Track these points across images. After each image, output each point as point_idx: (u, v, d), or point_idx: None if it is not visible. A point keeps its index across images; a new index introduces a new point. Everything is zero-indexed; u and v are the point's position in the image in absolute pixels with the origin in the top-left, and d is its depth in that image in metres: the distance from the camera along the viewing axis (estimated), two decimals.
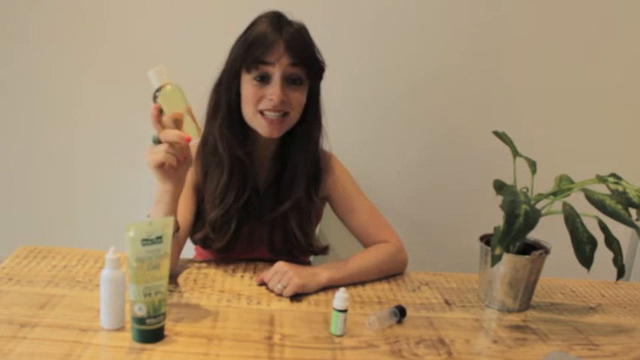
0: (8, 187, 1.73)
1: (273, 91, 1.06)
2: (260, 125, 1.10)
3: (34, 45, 1.61)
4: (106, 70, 1.63)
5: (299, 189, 1.15)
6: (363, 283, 1.13)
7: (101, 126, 1.67)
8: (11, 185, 1.72)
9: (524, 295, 1.07)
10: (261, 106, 1.08)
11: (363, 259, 1.15)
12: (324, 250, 1.23)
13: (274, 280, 1.05)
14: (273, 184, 1.18)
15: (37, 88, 1.64)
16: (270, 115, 1.08)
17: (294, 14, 1.12)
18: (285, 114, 1.09)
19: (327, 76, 1.18)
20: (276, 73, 1.06)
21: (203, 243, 1.16)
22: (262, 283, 1.08)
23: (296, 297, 1.04)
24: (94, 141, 1.69)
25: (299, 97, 1.10)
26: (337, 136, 1.24)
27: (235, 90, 1.12)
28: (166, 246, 0.85)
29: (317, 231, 1.31)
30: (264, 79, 1.08)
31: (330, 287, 1.08)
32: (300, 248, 1.19)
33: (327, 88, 1.19)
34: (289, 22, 1.10)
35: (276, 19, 1.08)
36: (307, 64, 1.09)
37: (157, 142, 0.93)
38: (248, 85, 1.09)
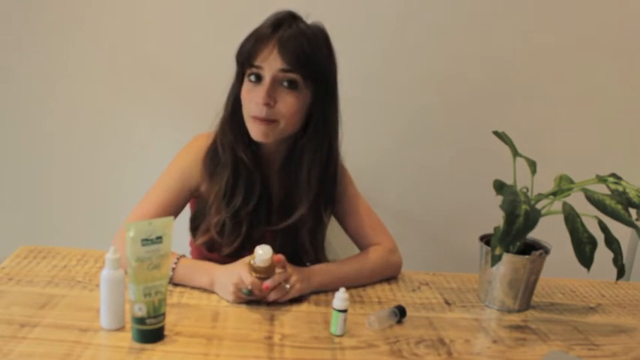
0: (8, 187, 1.72)
1: (259, 94, 1.01)
2: (251, 128, 1.05)
3: (34, 44, 1.61)
4: (108, 70, 1.63)
5: (303, 206, 1.11)
6: (356, 287, 1.12)
7: (102, 126, 1.67)
8: (11, 185, 1.72)
9: (524, 295, 1.07)
10: (251, 110, 1.04)
11: (357, 264, 1.14)
12: None
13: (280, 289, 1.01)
14: (285, 196, 1.15)
15: (36, 87, 1.64)
16: (259, 116, 1.03)
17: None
18: (274, 121, 1.03)
19: None
20: (266, 74, 1.01)
21: (209, 247, 1.14)
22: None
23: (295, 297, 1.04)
24: (95, 141, 1.69)
25: (291, 102, 1.02)
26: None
27: (238, 89, 1.08)
28: (166, 246, 0.85)
29: None
30: (258, 79, 1.03)
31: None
32: (308, 259, 1.17)
33: None
34: (295, 23, 1.03)
35: (282, 18, 1.03)
36: (299, 67, 1.00)
37: (250, 294, 0.99)
38: (246, 85, 1.05)
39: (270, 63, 1.01)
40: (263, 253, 0.95)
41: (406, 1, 1.60)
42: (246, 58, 1.03)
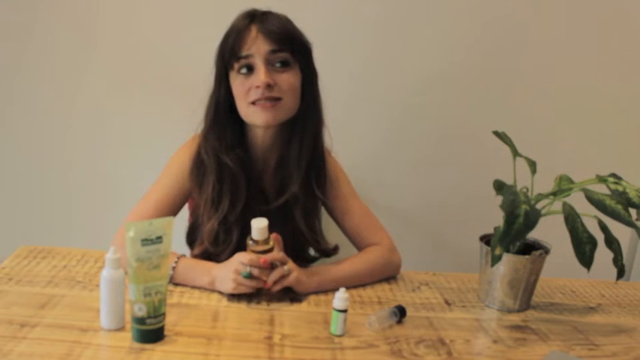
0: (8, 187, 1.73)
1: (258, 77, 1.03)
2: (255, 115, 1.06)
3: (32, 44, 1.61)
4: (106, 71, 1.63)
5: (294, 184, 1.11)
6: (355, 287, 1.12)
7: (101, 125, 1.67)
8: (11, 185, 1.72)
9: (524, 295, 1.07)
10: (251, 97, 1.05)
11: (356, 264, 1.14)
12: (334, 250, 1.19)
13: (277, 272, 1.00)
14: (279, 189, 1.15)
15: (35, 87, 1.64)
16: (262, 101, 1.05)
17: (296, 15, 1.12)
18: (278, 99, 1.05)
19: (328, 76, 1.17)
20: (257, 60, 1.03)
21: (206, 259, 1.11)
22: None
23: (296, 297, 1.04)
24: (95, 141, 1.69)
25: (289, 79, 1.06)
26: (337, 137, 1.24)
27: (224, 91, 1.09)
28: (166, 246, 0.85)
29: None
30: (249, 70, 1.05)
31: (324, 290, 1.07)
32: (308, 245, 1.17)
33: (329, 87, 1.19)
34: (265, 12, 1.07)
35: (251, 11, 1.07)
36: (287, 44, 1.04)
37: (250, 276, 0.98)
38: (236, 81, 1.07)
39: (259, 47, 1.03)
40: (258, 222, 0.95)
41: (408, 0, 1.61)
42: (232, 53, 1.05)
